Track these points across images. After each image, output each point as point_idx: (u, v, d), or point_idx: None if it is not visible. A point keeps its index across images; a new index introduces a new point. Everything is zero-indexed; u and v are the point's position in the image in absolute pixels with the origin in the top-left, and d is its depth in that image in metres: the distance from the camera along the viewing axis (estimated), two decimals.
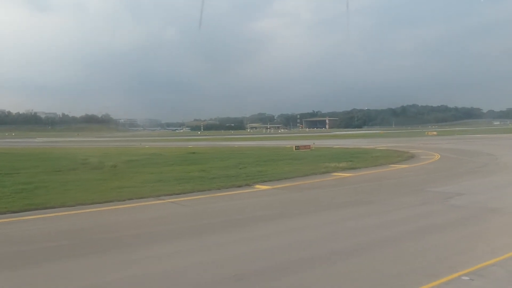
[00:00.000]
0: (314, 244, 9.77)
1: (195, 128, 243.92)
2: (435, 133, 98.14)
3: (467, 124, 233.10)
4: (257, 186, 19.68)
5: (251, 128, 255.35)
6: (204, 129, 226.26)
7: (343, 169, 25.88)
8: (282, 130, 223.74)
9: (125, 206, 14.80)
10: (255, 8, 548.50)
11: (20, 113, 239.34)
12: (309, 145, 49.51)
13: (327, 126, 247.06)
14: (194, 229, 11.66)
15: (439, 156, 35.37)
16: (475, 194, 16.32)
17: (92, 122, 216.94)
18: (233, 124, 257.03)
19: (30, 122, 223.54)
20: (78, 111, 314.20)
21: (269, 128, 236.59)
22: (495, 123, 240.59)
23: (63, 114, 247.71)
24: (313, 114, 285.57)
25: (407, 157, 34.95)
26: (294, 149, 46.33)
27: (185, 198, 16.24)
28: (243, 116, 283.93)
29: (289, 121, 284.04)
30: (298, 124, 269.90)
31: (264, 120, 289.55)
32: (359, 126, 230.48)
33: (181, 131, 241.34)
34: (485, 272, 7.51)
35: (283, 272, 7.82)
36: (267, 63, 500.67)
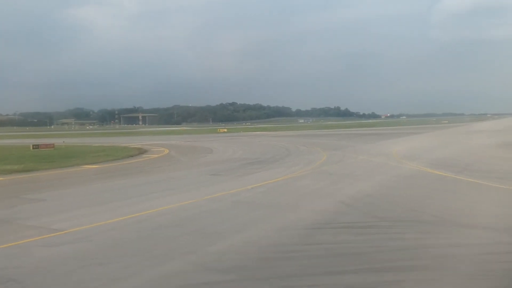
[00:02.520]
0: None
1: None
2: (225, 130, 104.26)
3: (277, 121, 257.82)
4: None
5: (63, 124, 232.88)
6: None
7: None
8: (90, 127, 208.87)
9: None
10: None
11: None
12: (52, 144, 46.10)
13: (140, 123, 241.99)
14: None
15: (162, 154, 36.71)
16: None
17: None
18: (35, 120, 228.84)
19: None
20: None
21: (74, 124, 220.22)
22: (300, 120, 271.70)
23: None
24: (134, 110, 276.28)
25: (127, 155, 34.98)
26: (32, 148, 42.50)
27: None
28: (56, 111, 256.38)
29: (108, 117, 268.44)
30: (114, 120, 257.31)
31: (80, 115, 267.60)
32: (178, 123, 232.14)
33: None
34: None
35: None
36: (88, 55, 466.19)
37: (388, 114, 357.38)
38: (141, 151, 39.28)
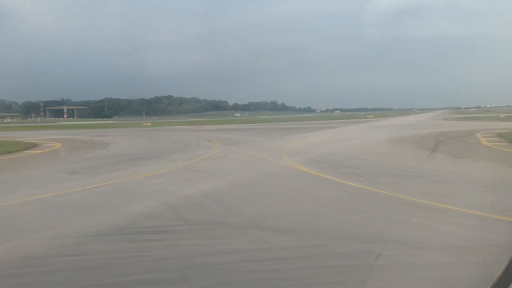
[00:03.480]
0: None
1: None
2: (149, 124, 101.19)
3: (213, 115, 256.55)
4: None
5: None
6: None
7: None
8: (9, 120, 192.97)
9: None
10: None
11: None
12: None
13: (65, 116, 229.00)
14: None
15: (48, 150, 34.06)
16: None
17: None
18: None
19: None
20: None
21: None
22: (237, 114, 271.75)
23: None
24: (62, 103, 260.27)
25: (6, 151, 31.92)
26: None
27: None
28: None
29: (33, 110, 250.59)
30: (37, 113, 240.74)
31: (1, 108, 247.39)
32: (109, 116, 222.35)
33: None
34: None
35: None
36: (15, 43, 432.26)
37: (323, 109, 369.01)
38: (28, 147, 36.20)
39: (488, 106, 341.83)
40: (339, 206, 12.50)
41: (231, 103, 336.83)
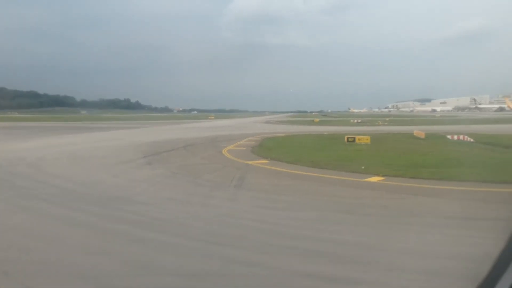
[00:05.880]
0: None
1: None
2: None
3: (54, 111, 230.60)
4: None
5: None
6: None
7: None
8: None
9: None
10: None
11: None
12: None
13: None
14: None
15: None
16: None
17: None
18: None
19: None
20: None
21: None
22: (83, 112, 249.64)
23: None
24: None
25: None
26: None
27: None
28: None
29: None
30: None
31: None
32: None
33: None
34: None
35: None
36: None
37: (181, 109, 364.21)
38: None
39: (329, 110, 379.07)
40: None
41: (79, 100, 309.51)
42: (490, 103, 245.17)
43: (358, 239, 8.89)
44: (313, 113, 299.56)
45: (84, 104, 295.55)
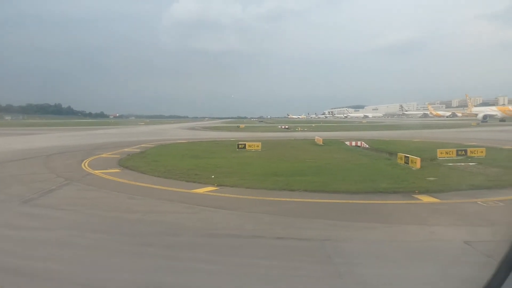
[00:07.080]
0: None
1: None
2: None
3: None
4: None
5: None
6: None
7: None
8: None
9: None
10: None
11: None
12: None
13: None
14: None
15: None
16: None
17: None
18: None
19: None
20: None
21: None
22: (6, 117, 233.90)
23: None
24: None
25: None
26: None
27: None
28: None
29: None
30: None
31: None
32: None
33: None
34: None
35: None
36: None
37: (117, 114, 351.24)
38: None
39: (269, 116, 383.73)
40: None
41: (4, 104, 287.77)
42: (417, 109, 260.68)
43: None
44: (252, 119, 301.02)
45: (9, 110, 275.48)
